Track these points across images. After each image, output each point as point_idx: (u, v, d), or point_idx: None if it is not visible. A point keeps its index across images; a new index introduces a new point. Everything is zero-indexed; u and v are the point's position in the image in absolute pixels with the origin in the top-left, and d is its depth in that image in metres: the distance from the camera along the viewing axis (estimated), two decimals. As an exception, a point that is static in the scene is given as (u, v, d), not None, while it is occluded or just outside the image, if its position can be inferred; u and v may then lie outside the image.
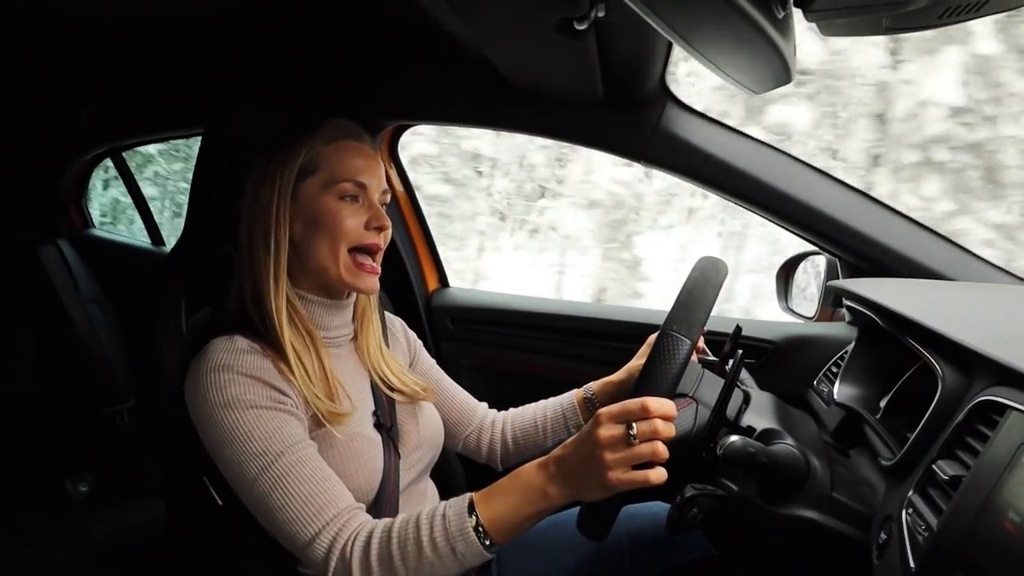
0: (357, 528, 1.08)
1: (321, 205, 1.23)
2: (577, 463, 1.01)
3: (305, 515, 1.07)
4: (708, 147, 1.62)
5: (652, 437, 0.96)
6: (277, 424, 1.11)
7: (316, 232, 1.23)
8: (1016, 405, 0.76)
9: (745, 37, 0.86)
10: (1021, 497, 0.68)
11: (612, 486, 0.96)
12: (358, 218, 1.25)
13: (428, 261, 2.33)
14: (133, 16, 1.45)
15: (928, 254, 1.55)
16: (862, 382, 1.34)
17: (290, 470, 1.08)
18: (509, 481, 1.06)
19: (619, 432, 0.97)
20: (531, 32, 1.17)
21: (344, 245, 1.23)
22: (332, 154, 1.25)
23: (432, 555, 1.03)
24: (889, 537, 0.91)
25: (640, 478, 0.96)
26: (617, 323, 2.02)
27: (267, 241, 1.22)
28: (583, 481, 0.99)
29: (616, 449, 0.96)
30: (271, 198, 1.22)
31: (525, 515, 1.03)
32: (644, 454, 0.96)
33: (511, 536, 1.04)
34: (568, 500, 1.02)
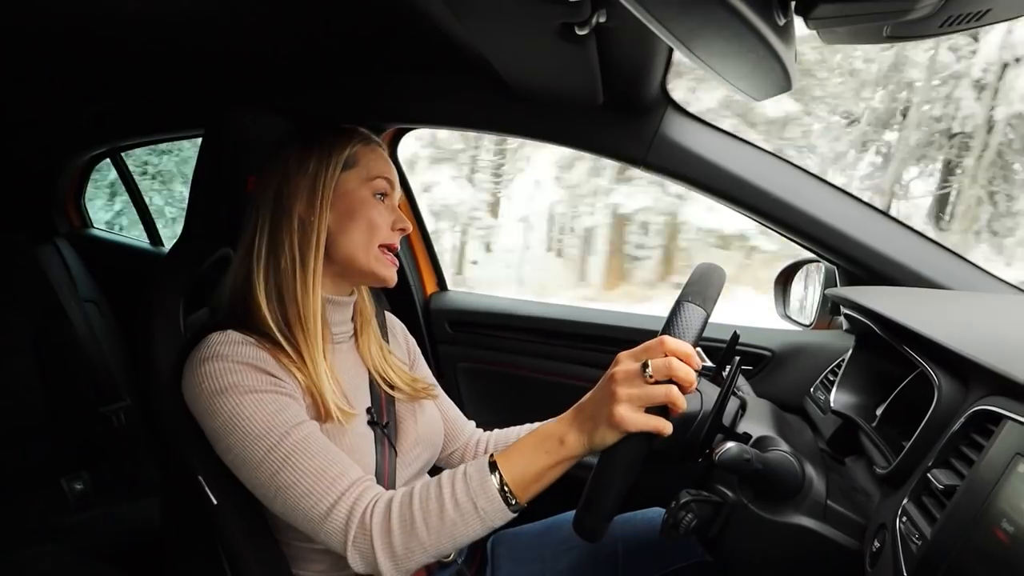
0: (375, 496, 1.07)
1: (359, 198, 1.26)
2: (592, 405, 1.01)
3: (319, 488, 1.06)
4: (708, 153, 1.62)
5: (668, 377, 0.96)
6: (278, 406, 1.11)
7: (351, 223, 1.25)
8: (1011, 415, 0.77)
9: (746, 44, 0.86)
10: (1014, 507, 0.68)
11: (619, 423, 0.96)
12: (387, 217, 1.28)
13: (426, 264, 2.33)
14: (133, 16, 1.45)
15: (926, 263, 1.55)
16: (858, 390, 1.34)
17: (297, 447, 1.08)
18: (529, 436, 1.07)
19: (635, 368, 0.97)
20: (533, 37, 1.18)
21: (375, 239, 1.26)
22: (368, 153, 1.29)
23: (454, 512, 1.02)
24: (883, 545, 0.91)
25: (649, 423, 0.96)
26: (614, 328, 2.02)
27: (306, 234, 1.23)
28: (595, 423, 0.99)
29: (630, 384, 0.97)
30: (315, 186, 1.24)
31: (543, 466, 1.03)
32: (657, 395, 0.96)
33: (532, 491, 1.04)
34: (582, 448, 1.02)
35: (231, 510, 1.20)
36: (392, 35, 1.55)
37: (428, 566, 1.32)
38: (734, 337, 1.20)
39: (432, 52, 1.62)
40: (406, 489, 1.07)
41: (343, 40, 1.60)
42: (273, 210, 1.24)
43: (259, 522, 1.23)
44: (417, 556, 1.04)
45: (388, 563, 1.03)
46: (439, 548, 1.04)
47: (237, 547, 1.21)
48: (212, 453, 1.16)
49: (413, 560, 1.04)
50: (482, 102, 1.76)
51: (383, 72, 1.79)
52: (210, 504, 1.20)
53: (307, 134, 1.29)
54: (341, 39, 1.59)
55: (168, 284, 1.31)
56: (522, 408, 1.76)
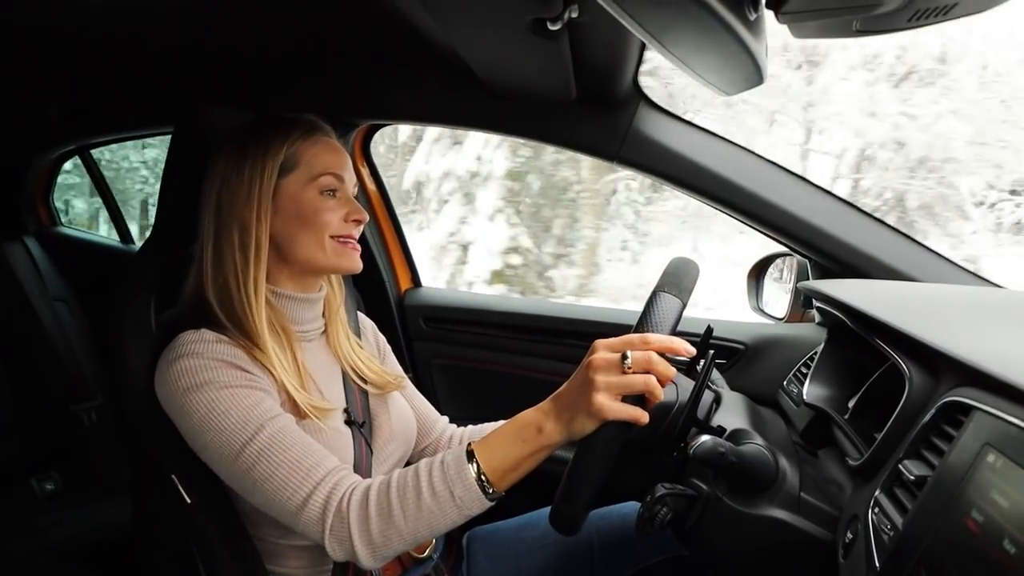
0: (352, 484, 1.07)
1: (304, 201, 1.22)
2: (569, 394, 1.01)
3: (294, 479, 1.06)
4: (680, 148, 1.62)
5: (647, 369, 0.96)
6: (253, 401, 1.10)
7: (299, 227, 1.22)
8: (981, 406, 0.77)
9: (717, 38, 0.86)
10: (984, 497, 0.68)
11: (597, 411, 0.96)
12: (338, 212, 1.24)
13: (401, 261, 2.32)
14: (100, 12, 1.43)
15: (897, 255, 1.56)
16: (831, 383, 1.35)
17: (272, 439, 1.07)
18: (506, 425, 1.07)
19: (613, 358, 0.98)
20: (505, 33, 1.17)
21: (327, 235, 1.23)
22: (310, 149, 1.24)
23: (431, 500, 1.02)
24: (855, 536, 0.92)
25: (627, 412, 0.96)
26: (589, 323, 2.03)
27: (245, 240, 1.20)
28: (573, 411, 0.99)
29: (608, 373, 0.97)
30: (251, 195, 1.20)
31: (520, 455, 1.03)
32: (636, 384, 0.96)
33: (509, 480, 1.04)
34: (560, 437, 1.01)
35: (205, 509, 1.20)
36: (363, 31, 1.54)
37: (403, 561, 1.31)
38: (708, 331, 1.20)
39: (404, 48, 1.61)
40: (383, 477, 1.07)
41: (314, 36, 1.59)
42: (215, 215, 1.22)
43: (233, 520, 1.22)
44: (395, 543, 1.04)
45: (365, 550, 1.03)
46: (416, 536, 1.04)
47: (211, 545, 1.21)
48: (185, 452, 1.15)
49: (391, 547, 1.04)
50: (455, 98, 1.76)
51: (354, 68, 1.79)
52: (184, 503, 1.19)
53: (244, 132, 1.25)
54: (312, 35, 1.58)
55: (139, 282, 1.29)
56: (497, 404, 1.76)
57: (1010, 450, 0.68)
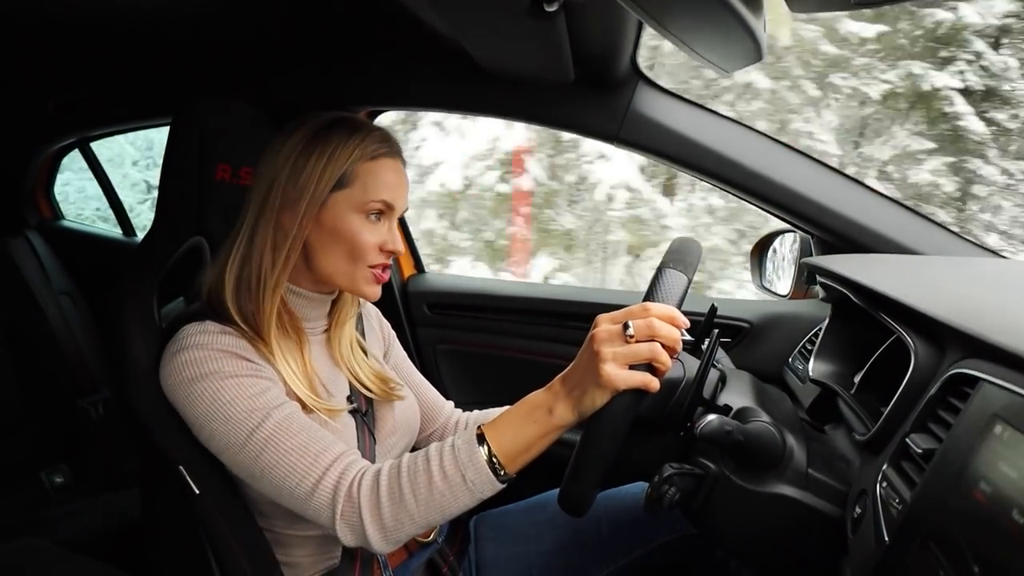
0: (362, 469, 1.07)
1: (346, 221, 1.19)
2: (577, 371, 1.01)
3: (303, 465, 1.06)
4: (680, 127, 1.62)
5: (651, 337, 0.96)
6: (258, 389, 1.10)
7: (334, 245, 1.20)
8: (987, 377, 0.77)
9: (715, 15, 0.86)
10: (992, 468, 0.68)
11: (606, 382, 0.95)
12: (377, 237, 1.21)
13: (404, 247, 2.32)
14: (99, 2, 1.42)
15: (900, 229, 1.56)
16: (836, 358, 1.35)
17: (279, 426, 1.08)
18: (516, 407, 1.07)
19: (615, 328, 0.98)
20: (502, 15, 1.16)
21: (361, 264, 1.21)
22: (371, 171, 1.20)
23: (442, 484, 1.02)
24: (864, 511, 0.92)
25: (635, 378, 0.96)
26: (593, 304, 2.03)
27: (280, 240, 1.19)
28: (582, 388, 0.99)
29: (612, 343, 0.97)
30: (300, 199, 1.17)
31: (531, 436, 1.03)
32: (641, 351, 0.96)
33: (520, 462, 1.04)
34: (571, 416, 1.01)
35: (213, 499, 1.20)
36: (360, 17, 1.53)
37: (408, 546, 1.32)
38: (712, 310, 1.20)
39: (401, 33, 1.61)
40: (393, 461, 1.07)
41: (310, 23, 1.58)
42: (261, 207, 1.19)
43: (242, 509, 1.22)
44: (407, 527, 1.04)
45: (377, 535, 1.03)
46: (428, 519, 1.04)
47: (221, 535, 1.21)
48: (192, 443, 1.15)
49: (402, 531, 1.04)
50: (453, 83, 1.75)
51: (352, 55, 1.78)
52: (192, 494, 1.19)
53: (315, 130, 1.20)
54: (309, 22, 1.57)
55: (141, 274, 1.29)
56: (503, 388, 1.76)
57: (1017, 421, 0.68)
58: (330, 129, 1.20)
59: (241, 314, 1.19)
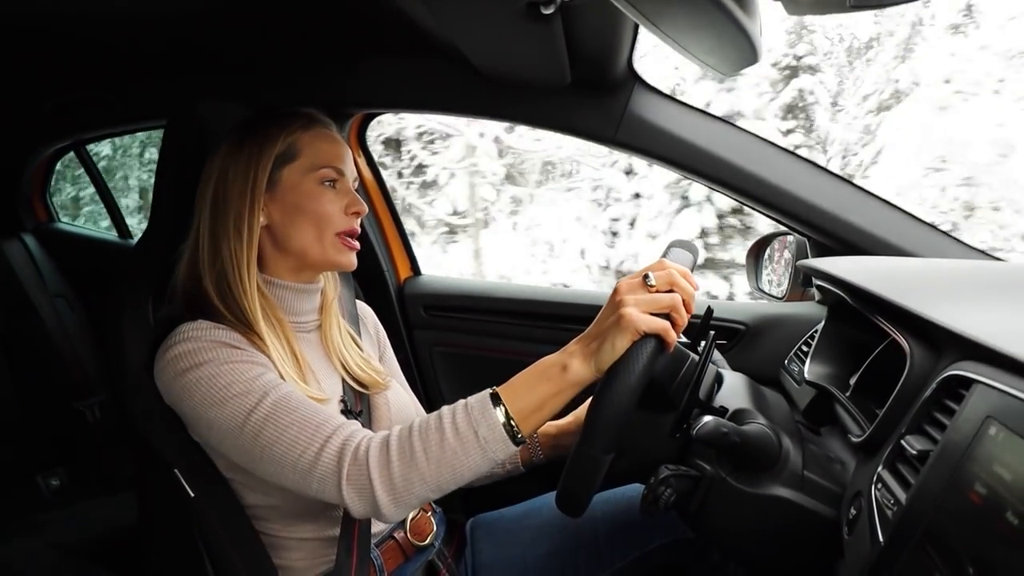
0: (368, 434, 1.07)
1: (304, 191, 1.23)
2: (596, 326, 1.03)
3: (305, 436, 1.05)
4: (677, 129, 1.62)
5: (671, 286, 1.00)
6: (255, 373, 1.11)
7: (299, 217, 1.23)
8: (982, 379, 0.77)
9: (711, 18, 0.86)
10: (987, 469, 0.69)
11: (627, 323, 0.97)
12: (338, 203, 1.25)
13: (399, 249, 2.32)
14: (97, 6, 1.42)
15: (895, 232, 1.56)
16: (832, 360, 1.36)
17: (278, 404, 1.07)
18: (528, 369, 1.08)
19: (637, 280, 1.01)
20: (498, 18, 1.17)
21: (330, 230, 1.24)
22: (311, 141, 1.25)
23: (455, 441, 1.01)
24: (859, 513, 0.92)
25: (657, 323, 0.98)
26: (591, 307, 2.02)
27: (239, 228, 1.21)
28: (601, 339, 1.01)
29: (634, 291, 1.00)
30: (245, 186, 1.21)
31: (545, 394, 1.04)
32: (662, 300, 0.99)
33: (533, 422, 1.04)
34: (586, 371, 1.02)
35: (209, 502, 1.20)
36: (357, 20, 1.53)
37: (404, 550, 1.32)
38: (708, 311, 1.20)
39: (397, 36, 1.61)
40: (402, 425, 1.07)
41: (307, 27, 1.58)
42: (212, 206, 1.22)
43: (238, 513, 1.22)
44: (417, 488, 1.02)
45: (387, 496, 1.02)
46: (440, 481, 1.02)
47: (216, 539, 1.21)
48: (187, 445, 1.16)
49: (413, 493, 1.02)
50: (449, 85, 1.75)
51: (348, 58, 1.78)
52: (187, 497, 1.19)
53: (244, 125, 1.26)
54: (305, 26, 1.57)
55: (136, 277, 1.29)
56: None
57: (1012, 422, 0.68)
58: (258, 118, 1.27)
59: (230, 309, 1.20)
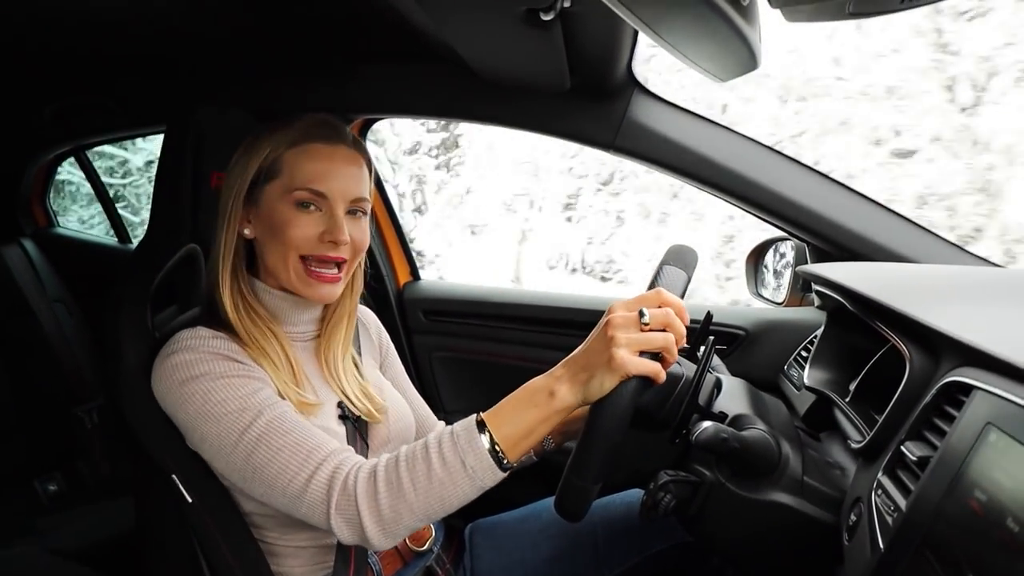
0: (357, 463, 1.06)
1: (277, 212, 1.19)
2: (585, 355, 1.01)
3: (295, 462, 1.05)
4: (676, 135, 1.62)
5: (665, 325, 0.97)
6: (250, 389, 1.10)
7: (271, 237, 1.20)
8: (982, 385, 0.77)
9: (710, 24, 0.86)
10: (987, 476, 0.69)
11: (619, 366, 0.95)
12: (313, 228, 1.19)
13: (399, 254, 2.32)
14: (96, 11, 1.42)
15: (894, 238, 1.56)
16: (831, 366, 1.36)
17: (271, 425, 1.07)
18: (516, 393, 1.06)
19: (632, 315, 0.98)
20: (498, 23, 1.17)
21: (293, 253, 1.19)
22: (295, 158, 1.19)
23: (442, 471, 1.00)
24: (859, 518, 0.92)
25: (647, 366, 0.96)
26: (590, 312, 2.03)
27: (219, 236, 1.21)
28: (590, 371, 0.99)
29: (628, 330, 0.97)
30: (228, 196, 1.21)
31: (532, 421, 1.01)
32: (656, 340, 0.97)
33: (521, 448, 1.02)
34: (574, 399, 1.00)
35: (207, 508, 1.20)
36: (356, 25, 1.54)
37: (403, 555, 1.31)
38: (707, 317, 1.20)
39: (397, 41, 1.61)
40: (390, 455, 1.05)
41: (306, 32, 1.59)
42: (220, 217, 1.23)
43: (236, 519, 1.22)
44: (405, 518, 1.01)
45: (375, 527, 1.01)
46: (428, 510, 1.01)
47: (214, 545, 1.21)
48: (185, 451, 1.15)
49: (401, 524, 1.01)
50: (450, 91, 1.76)
51: (347, 63, 1.78)
52: (185, 503, 1.19)
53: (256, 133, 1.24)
54: (303, 31, 1.58)
55: (135, 282, 1.29)
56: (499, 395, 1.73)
57: (1012, 429, 0.68)
58: (268, 125, 1.23)
59: (216, 313, 1.21)
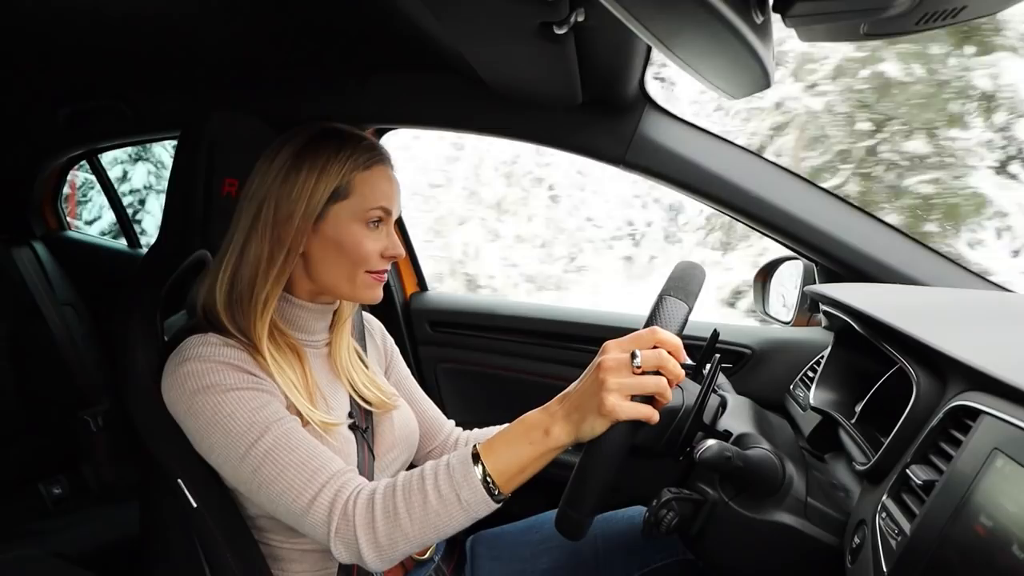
0: (358, 486, 1.07)
1: (349, 231, 1.20)
2: (578, 395, 1.01)
3: (300, 481, 1.06)
4: (686, 152, 1.62)
5: (658, 369, 0.97)
6: (259, 403, 1.11)
7: (336, 256, 1.21)
8: (989, 410, 0.77)
9: (724, 42, 0.86)
10: (993, 501, 0.68)
11: (608, 412, 0.95)
12: (378, 244, 1.22)
13: (406, 265, 2.32)
14: (110, 17, 1.43)
15: (904, 259, 1.56)
16: (838, 387, 1.35)
17: (278, 441, 1.08)
18: (512, 427, 1.07)
19: (624, 358, 0.98)
20: (511, 37, 1.17)
21: (362, 268, 1.22)
22: (367, 180, 1.21)
23: (437, 503, 1.02)
24: (863, 541, 0.91)
25: (638, 411, 0.96)
26: (596, 326, 2.02)
27: (276, 254, 1.19)
28: (582, 413, 0.99)
29: (619, 374, 0.97)
30: (294, 213, 1.18)
31: (527, 458, 1.03)
32: (647, 384, 0.96)
33: (515, 483, 1.04)
34: (568, 439, 1.01)
35: (211, 513, 1.20)
36: (371, 36, 1.54)
37: (404, 564, 1.31)
38: (714, 335, 1.20)
39: (411, 53, 1.62)
40: (389, 480, 1.07)
41: (321, 42, 1.59)
42: (252, 222, 1.20)
43: (239, 524, 1.22)
44: (401, 546, 1.04)
45: (372, 553, 1.03)
46: (423, 538, 1.04)
47: (217, 550, 1.21)
48: (191, 456, 1.15)
49: (397, 550, 1.04)
50: (461, 102, 1.76)
51: (362, 73, 1.79)
52: (190, 507, 1.19)
53: (306, 141, 1.21)
54: (319, 40, 1.59)
55: (145, 287, 1.30)
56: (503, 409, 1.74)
57: (1019, 454, 0.68)
58: (319, 141, 1.21)
59: (237, 327, 1.19)
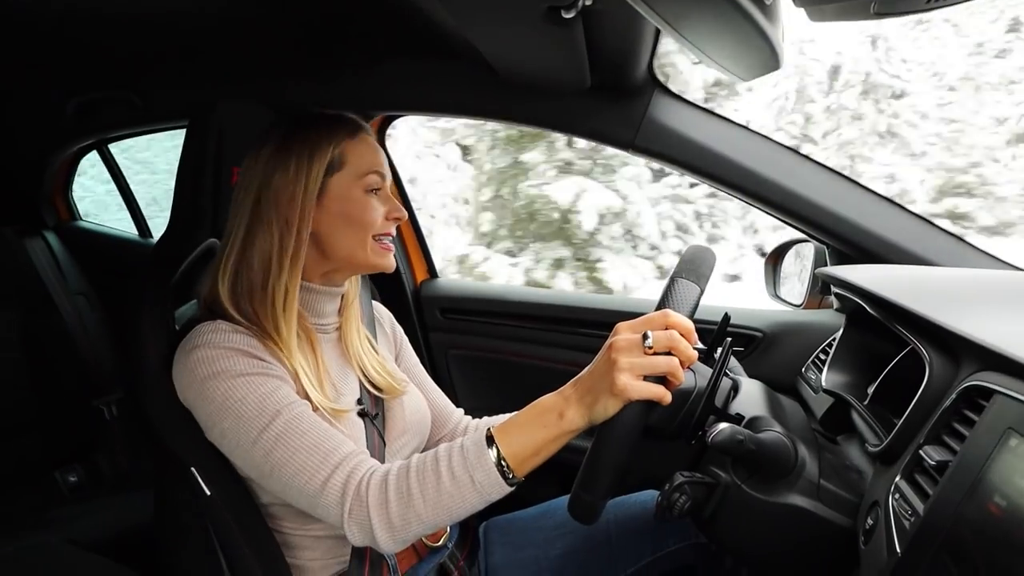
0: (371, 468, 1.08)
1: (351, 200, 1.23)
2: (591, 377, 1.02)
3: (312, 462, 1.07)
4: (696, 135, 1.61)
5: (669, 349, 0.97)
6: (270, 388, 1.11)
7: (345, 225, 1.23)
8: (1002, 389, 0.77)
9: (733, 24, 0.86)
10: (1007, 481, 0.68)
11: (620, 391, 0.96)
12: (381, 209, 1.26)
13: (416, 252, 2.32)
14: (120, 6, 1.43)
15: (915, 240, 1.55)
16: (850, 369, 1.35)
17: (289, 425, 1.08)
18: (526, 410, 1.07)
19: (635, 338, 0.98)
20: (519, 21, 1.17)
21: (370, 233, 1.24)
22: (356, 147, 1.25)
23: (451, 485, 1.03)
24: (876, 523, 0.91)
25: (650, 390, 0.96)
26: (606, 312, 2.02)
27: (284, 237, 1.20)
28: (595, 394, 1.00)
29: (631, 353, 0.97)
30: (295, 194, 1.20)
31: (542, 441, 1.03)
32: (659, 364, 0.97)
33: (529, 466, 1.04)
34: (582, 421, 1.02)
35: (224, 501, 1.20)
36: (378, 22, 1.54)
37: (418, 550, 1.32)
38: (725, 318, 1.19)
39: (418, 38, 1.61)
40: (403, 462, 1.08)
41: (329, 29, 1.59)
42: (252, 213, 1.22)
43: (252, 511, 1.23)
44: (414, 527, 1.04)
45: (385, 534, 1.04)
46: (436, 520, 1.04)
47: (231, 537, 1.22)
48: (204, 444, 1.16)
49: (410, 531, 1.04)
50: (469, 88, 1.76)
51: (369, 60, 1.79)
52: (203, 495, 1.20)
53: (287, 129, 1.25)
54: (326, 28, 1.58)
55: (155, 276, 1.30)
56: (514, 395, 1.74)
57: (1033, 434, 0.67)
58: (301, 125, 1.25)
59: (243, 315, 1.20)
